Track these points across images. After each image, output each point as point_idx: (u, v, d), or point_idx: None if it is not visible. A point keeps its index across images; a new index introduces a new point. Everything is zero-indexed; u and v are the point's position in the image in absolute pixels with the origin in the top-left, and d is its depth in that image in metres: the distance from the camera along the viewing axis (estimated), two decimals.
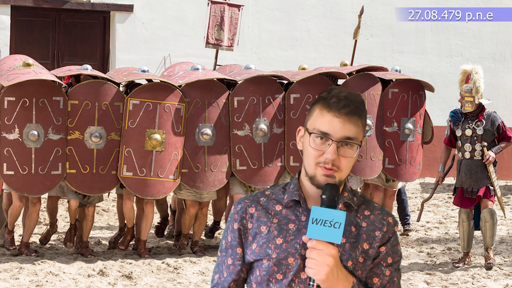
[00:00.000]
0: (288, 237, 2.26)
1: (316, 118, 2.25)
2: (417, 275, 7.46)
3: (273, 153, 8.18)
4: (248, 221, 2.31)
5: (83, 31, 12.96)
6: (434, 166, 12.50)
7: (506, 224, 9.85)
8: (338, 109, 2.21)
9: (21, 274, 7.11)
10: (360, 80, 8.33)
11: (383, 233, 2.29)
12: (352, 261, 2.24)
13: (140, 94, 7.82)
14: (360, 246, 2.26)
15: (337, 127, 2.21)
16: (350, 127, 2.22)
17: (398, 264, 2.32)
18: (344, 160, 2.23)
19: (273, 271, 2.25)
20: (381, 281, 2.28)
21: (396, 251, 2.32)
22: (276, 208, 2.31)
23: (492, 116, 7.73)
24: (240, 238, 2.31)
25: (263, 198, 2.34)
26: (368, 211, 2.32)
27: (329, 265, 2.10)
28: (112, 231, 9.25)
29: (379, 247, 2.28)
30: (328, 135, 2.21)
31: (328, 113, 2.22)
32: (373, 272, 2.28)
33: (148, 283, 7.05)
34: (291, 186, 2.33)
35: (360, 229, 2.28)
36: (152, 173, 7.83)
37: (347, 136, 2.21)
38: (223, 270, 2.34)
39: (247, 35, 12.78)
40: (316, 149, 2.23)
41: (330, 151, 2.21)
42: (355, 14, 12.29)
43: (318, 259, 2.11)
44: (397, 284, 2.31)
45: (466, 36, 13.82)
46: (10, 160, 7.51)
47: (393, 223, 2.32)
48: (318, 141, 2.23)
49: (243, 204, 2.33)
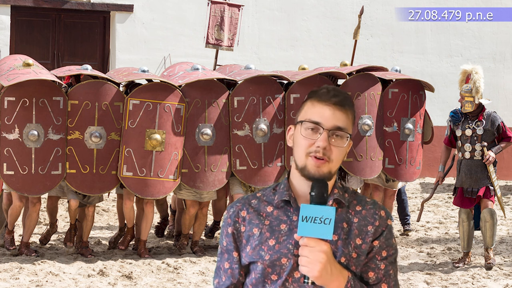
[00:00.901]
0: (280, 237, 2.27)
1: (307, 109, 2.31)
2: (417, 275, 7.46)
3: (273, 153, 8.18)
4: (241, 224, 2.33)
5: (83, 31, 12.96)
6: (434, 166, 12.50)
7: (506, 224, 9.85)
8: (328, 98, 2.28)
9: (21, 274, 7.11)
10: (360, 80, 8.32)
11: (376, 227, 2.30)
12: (345, 257, 2.25)
13: (140, 94, 7.82)
14: (353, 242, 2.27)
15: (327, 116, 2.26)
16: (341, 116, 2.27)
17: (393, 257, 2.32)
18: (335, 150, 2.26)
19: (268, 272, 2.26)
20: (376, 275, 2.28)
21: (391, 244, 2.31)
22: (267, 210, 2.33)
23: (492, 116, 7.73)
24: (235, 242, 2.33)
25: (254, 201, 2.36)
26: (360, 206, 2.33)
27: (321, 262, 2.12)
28: (112, 231, 9.25)
29: (372, 241, 2.29)
30: (319, 124, 2.26)
31: (319, 103, 2.29)
32: (368, 266, 2.28)
33: (148, 283, 7.05)
34: (281, 187, 2.35)
35: (352, 225, 2.29)
36: (152, 173, 7.83)
37: (338, 126, 2.26)
38: (221, 274, 2.35)
39: (247, 35, 12.78)
40: (307, 138, 2.26)
41: (321, 139, 2.24)
42: (355, 14, 12.28)
43: (310, 256, 2.12)
44: (393, 277, 2.31)
45: (466, 36, 13.82)
46: (10, 160, 7.51)
47: (385, 216, 2.33)
48: (309, 130, 2.26)
49: (235, 208, 2.36)
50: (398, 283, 2.32)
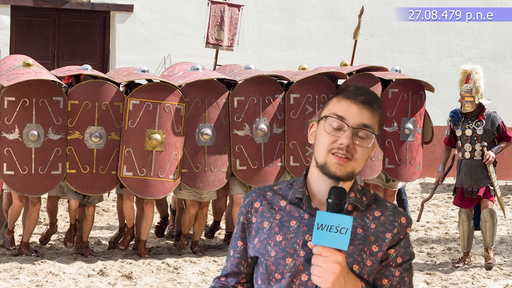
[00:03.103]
0: (288, 234, 2.21)
1: (333, 105, 2.20)
2: (417, 275, 7.46)
3: (273, 153, 8.18)
4: (252, 215, 2.29)
5: (83, 31, 12.96)
6: (434, 166, 12.50)
7: (506, 224, 9.85)
8: (356, 96, 2.18)
9: (21, 274, 7.11)
10: (360, 80, 8.32)
11: (393, 234, 2.21)
12: (358, 265, 2.17)
13: (140, 94, 7.82)
14: (367, 249, 2.18)
15: (353, 113, 2.16)
16: (367, 114, 2.17)
17: (409, 263, 2.23)
18: (359, 149, 2.16)
19: (272, 270, 2.22)
20: (390, 282, 2.21)
21: (408, 252, 2.23)
22: (280, 204, 2.27)
23: (492, 116, 7.73)
24: (243, 231, 2.30)
25: (269, 193, 2.30)
26: (379, 212, 2.24)
27: (335, 273, 2.01)
28: (112, 231, 9.25)
29: (388, 249, 2.21)
30: (344, 119, 2.15)
31: (346, 100, 2.18)
32: (381, 273, 2.21)
33: (148, 283, 7.05)
34: (297, 183, 2.28)
35: (367, 231, 2.20)
36: (152, 173, 7.83)
37: (364, 123, 2.16)
38: (228, 260, 2.36)
39: (247, 35, 12.78)
40: (331, 134, 2.16)
41: (345, 136, 2.14)
42: (355, 14, 12.29)
43: (324, 266, 2.02)
44: (408, 284, 2.22)
45: (466, 36, 13.82)
46: (10, 160, 7.51)
47: (406, 223, 2.24)
48: (334, 125, 2.16)
49: (250, 198, 2.31)
50: None
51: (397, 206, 2.28)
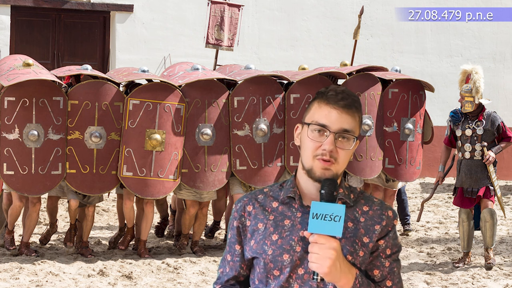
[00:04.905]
0: (284, 233, 2.32)
1: (315, 111, 2.32)
2: (417, 275, 7.46)
3: (273, 153, 8.18)
4: (246, 219, 2.38)
5: (83, 31, 12.96)
6: (434, 166, 12.50)
7: (506, 224, 9.85)
8: (336, 101, 2.29)
9: (21, 274, 7.11)
10: (360, 80, 8.33)
11: (382, 226, 2.34)
12: (351, 256, 2.29)
13: (140, 94, 7.82)
14: (359, 241, 2.31)
15: (334, 119, 2.28)
16: (347, 119, 2.28)
17: (397, 255, 2.37)
18: (342, 152, 2.28)
19: (270, 267, 2.31)
20: (381, 272, 2.33)
21: (396, 244, 2.36)
22: (272, 205, 2.37)
23: (492, 116, 7.73)
24: (239, 236, 2.39)
25: (261, 196, 2.41)
26: (367, 207, 2.37)
27: (331, 258, 2.14)
28: (112, 231, 9.25)
29: (378, 240, 2.33)
30: (326, 127, 2.27)
31: (326, 105, 2.29)
32: (373, 264, 2.33)
33: (148, 283, 7.05)
34: (288, 184, 2.39)
35: (358, 224, 2.33)
36: (152, 173, 7.83)
37: (344, 128, 2.27)
38: (225, 265, 2.43)
39: (247, 35, 12.78)
40: (314, 140, 2.28)
41: (327, 142, 2.26)
42: (355, 14, 12.29)
43: (320, 253, 2.15)
44: (397, 274, 2.35)
45: (466, 36, 13.82)
46: (10, 160, 7.51)
47: (392, 216, 2.37)
48: (316, 133, 2.28)
49: (242, 202, 2.41)
50: (401, 279, 2.37)
51: (383, 201, 2.43)
